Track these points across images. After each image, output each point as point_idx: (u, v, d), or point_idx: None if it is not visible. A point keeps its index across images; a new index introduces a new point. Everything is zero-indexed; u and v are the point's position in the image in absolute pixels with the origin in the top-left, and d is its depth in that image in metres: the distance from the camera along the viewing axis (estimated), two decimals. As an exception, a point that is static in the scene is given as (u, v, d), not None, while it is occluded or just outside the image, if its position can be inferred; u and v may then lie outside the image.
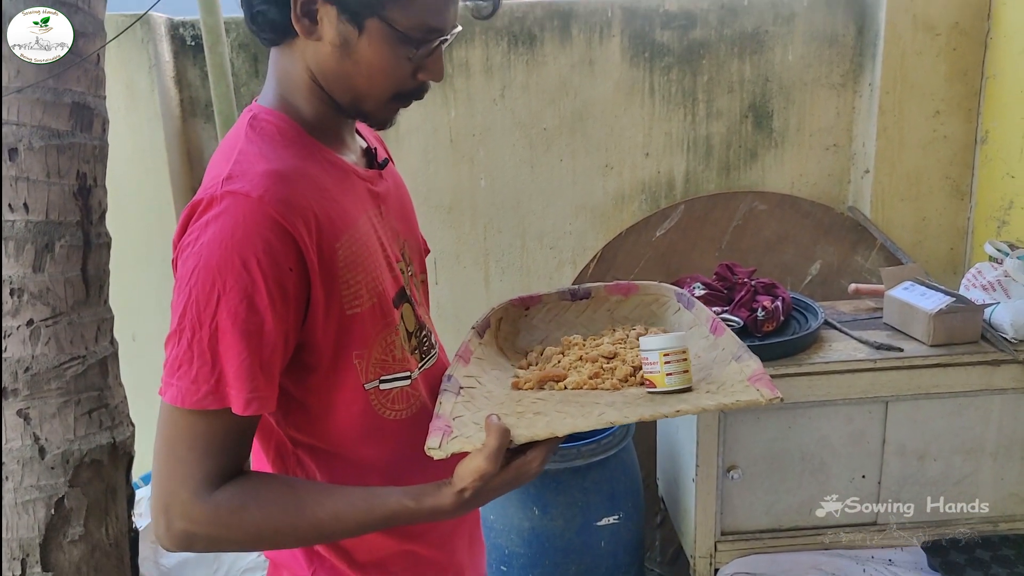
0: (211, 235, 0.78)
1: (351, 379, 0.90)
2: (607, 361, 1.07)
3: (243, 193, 0.79)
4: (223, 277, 0.77)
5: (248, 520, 0.82)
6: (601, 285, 1.23)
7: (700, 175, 2.60)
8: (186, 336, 0.79)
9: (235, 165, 0.82)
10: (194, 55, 2.41)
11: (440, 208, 2.57)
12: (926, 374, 1.75)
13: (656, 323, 1.20)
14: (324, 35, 0.85)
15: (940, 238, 2.59)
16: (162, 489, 0.82)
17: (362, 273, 0.89)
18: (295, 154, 0.88)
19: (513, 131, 2.52)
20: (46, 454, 1.47)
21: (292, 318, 0.82)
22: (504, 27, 2.45)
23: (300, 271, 0.81)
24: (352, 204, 0.91)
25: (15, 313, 1.42)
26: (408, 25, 0.84)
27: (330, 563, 0.97)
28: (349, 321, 0.88)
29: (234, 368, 0.79)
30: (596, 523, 1.78)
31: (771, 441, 1.78)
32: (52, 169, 1.42)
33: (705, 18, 2.48)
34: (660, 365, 0.93)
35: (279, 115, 0.90)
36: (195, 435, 0.81)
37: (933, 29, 2.42)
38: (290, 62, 0.90)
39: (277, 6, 0.84)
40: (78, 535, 1.51)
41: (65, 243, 1.45)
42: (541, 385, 1.04)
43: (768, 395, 0.86)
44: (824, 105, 2.56)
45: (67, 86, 1.44)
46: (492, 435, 0.81)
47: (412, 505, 0.84)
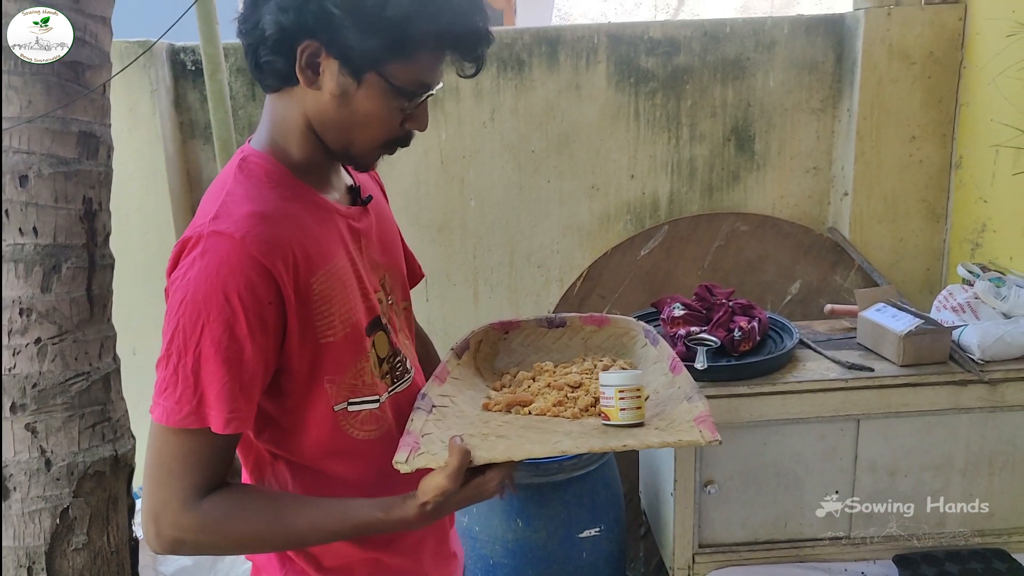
0: (198, 271, 0.86)
1: (322, 401, 0.99)
2: (572, 390, 1.16)
3: (227, 233, 0.87)
4: (207, 309, 0.86)
5: (231, 528, 0.91)
6: (576, 316, 1.33)
7: (684, 196, 2.68)
8: (172, 361, 0.87)
9: (222, 206, 0.91)
10: (193, 79, 2.49)
11: (431, 228, 2.65)
12: (896, 393, 1.82)
13: (625, 355, 1.30)
14: (324, 85, 0.93)
15: (917, 259, 2.67)
16: (152, 498, 0.90)
17: (336, 305, 0.97)
18: (279, 195, 0.95)
19: (502, 153, 2.60)
20: (52, 466, 1.53)
21: (271, 347, 0.91)
22: (493, 52, 2.53)
23: (278, 304, 0.90)
24: (331, 241, 0.99)
25: (24, 331, 1.49)
26: (403, 80, 0.92)
27: (300, 567, 1.05)
28: (323, 349, 0.96)
29: (215, 391, 0.87)
30: (578, 535, 1.85)
31: (747, 457, 1.85)
32: (60, 195, 1.49)
33: (688, 45, 2.57)
34: (615, 400, 1.02)
35: (267, 158, 0.98)
36: (181, 451, 0.89)
37: (908, 58, 2.51)
38: (287, 108, 0.98)
39: (283, 57, 0.92)
40: (82, 543, 1.57)
41: (71, 265, 1.52)
42: (509, 408, 1.12)
43: (708, 437, 0.94)
44: (804, 129, 2.65)
45: (75, 116, 1.52)
46: (454, 455, 0.89)
47: (381, 516, 0.93)
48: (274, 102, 0.99)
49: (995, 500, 1.90)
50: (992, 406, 1.83)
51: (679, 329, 1.94)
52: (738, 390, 1.80)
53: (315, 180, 1.02)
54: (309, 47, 0.90)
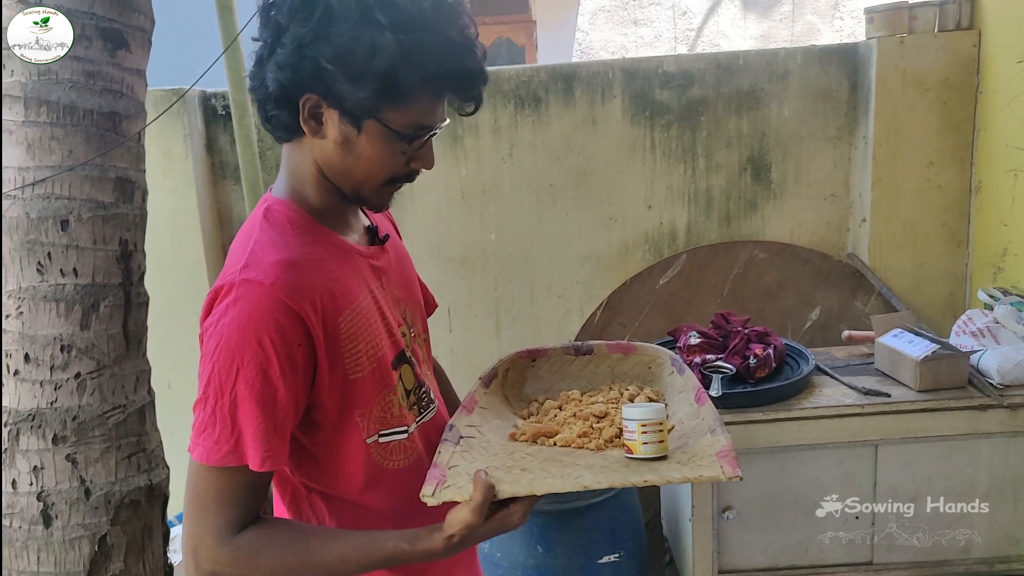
0: (231, 318, 0.92)
1: (355, 435, 1.04)
2: (597, 420, 1.17)
3: (257, 281, 0.93)
4: (241, 353, 0.91)
5: (264, 562, 0.95)
6: (603, 343, 1.34)
7: (701, 225, 2.72)
8: (210, 403, 0.93)
9: (251, 255, 0.97)
10: (224, 123, 2.60)
11: (453, 260, 2.71)
12: (914, 418, 1.83)
13: (652, 383, 1.30)
14: (328, 134, 0.99)
15: (939, 284, 2.67)
16: (190, 534, 0.96)
17: (363, 342, 1.02)
18: (303, 241, 1.01)
19: (521, 187, 2.67)
20: (91, 495, 1.60)
21: (302, 386, 0.96)
22: (511, 90, 2.61)
23: (307, 346, 0.95)
24: (354, 281, 1.05)
25: (64, 367, 1.57)
26: (401, 124, 0.97)
27: None
28: (352, 385, 1.01)
29: (251, 431, 0.93)
30: (597, 561, 1.87)
31: (765, 482, 1.86)
32: (98, 237, 1.58)
33: (702, 77, 2.63)
34: (638, 434, 1.02)
35: (289, 205, 1.04)
36: (218, 488, 0.95)
37: (923, 84, 2.53)
38: (299, 156, 1.04)
39: (288, 111, 0.98)
40: (118, 570, 1.63)
41: (109, 303, 1.60)
42: (535, 439, 1.14)
43: (729, 473, 0.94)
44: (821, 157, 2.68)
45: (112, 163, 1.61)
46: (478, 490, 0.93)
47: (407, 548, 0.97)
48: (288, 152, 1.06)
49: (1020, 526, 1.88)
50: (1014, 431, 1.82)
51: (695, 357, 1.97)
52: (754, 416, 1.82)
53: (334, 223, 1.08)
54: (309, 100, 0.96)
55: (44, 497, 1.58)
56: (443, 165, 2.63)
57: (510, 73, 2.62)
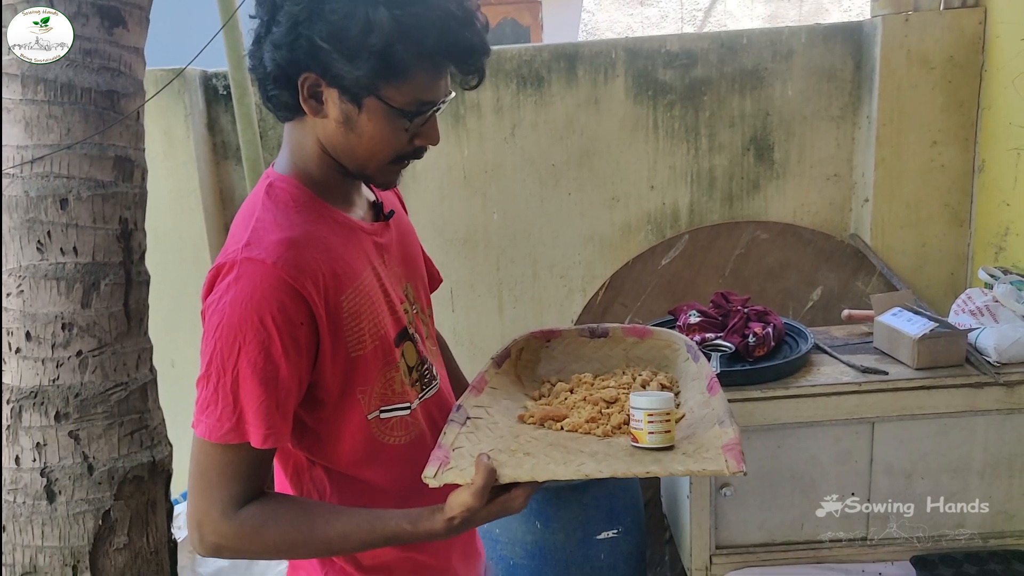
0: (233, 296, 0.92)
1: (356, 411, 1.05)
2: (607, 405, 1.16)
3: (259, 260, 0.93)
4: (243, 332, 0.92)
5: (267, 536, 0.97)
6: (619, 326, 1.33)
7: (704, 206, 2.71)
8: (212, 381, 0.94)
9: (253, 232, 0.97)
10: (225, 103, 2.61)
11: (455, 241, 2.72)
12: (911, 396, 1.83)
13: (666, 368, 1.29)
14: (329, 113, 0.98)
15: (941, 264, 2.66)
16: (195, 508, 0.97)
17: (365, 320, 1.03)
18: (306, 219, 1.01)
19: (523, 167, 2.67)
20: (94, 471, 1.63)
21: (304, 365, 0.97)
22: (513, 70, 2.61)
23: (310, 324, 0.96)
24: (357, 258, 1.05)
25: (66, 345, 1.59)
26: (402, 101, 0.97)
27: (340, 566, 1.11)
28: (354, 362, 1.02)
29: (253, 409, 0.94)
30: (596, 537, 1.89)
31: (762, 460, 1.87)
32: (98, 216, 1.59)
33: (706, 57, 2.61)
34: (644, 424, 1.01)
35: (292, 182, 1.04)
36: (222, 463, 0.96)
37: (928, 63, 2.51)
38: (302, 135, 1.04)
39: (287, 90, 0.98)
40: (122, 544, 1.66)
41: (109, 282, 1.62)
42: (542, 422, 1.14)
43: (733, 468, 0.93)
44: (824, 137, 2.67)
45: (111, 141, 1.62)
46: (480, 474, 0.93)
47: (409, 528, 0.98)
48: (291, 130, 1.06)
49: (1015, 502, 1.89)
50: (1010, 408, 1.83)
51: (695, 335, 1.97)
52: (752, 394, 1.83)
53: (338, 200, 1.07)
54: (308, 79, 0.96)
55: (47, 473, 1.61)
56: (445, 145, 2.63)
57: (512, 52, 2.61)
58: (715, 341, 1.92)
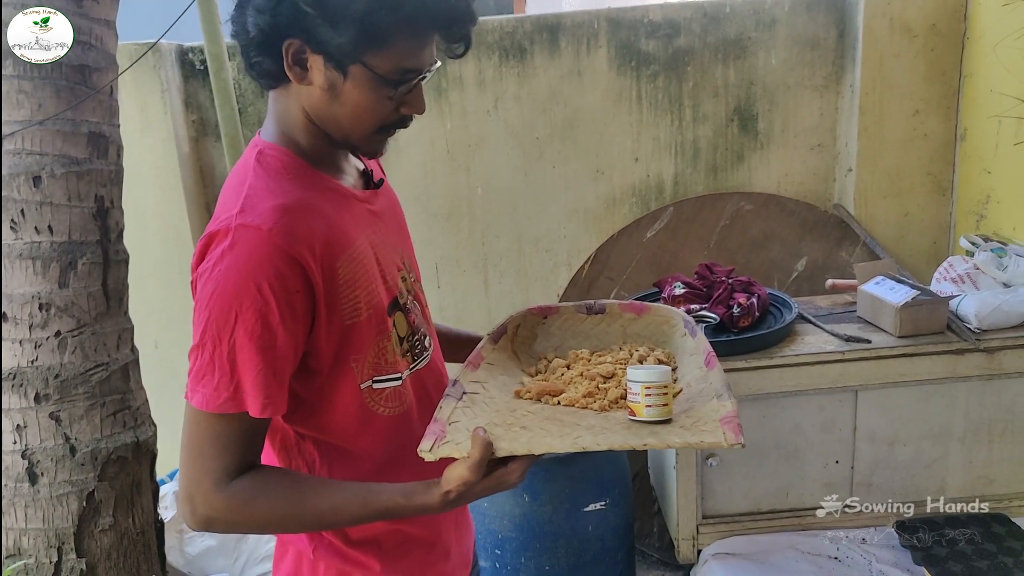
0: (228, 263, 0.91)
1: (349, 380, 1.03)
2: (604, 381, 1.16)
3: (254, 226, 0.91)
4: (240, 300, 0.90)
5: (258, 509, 0.96)
6: (616, 302, 1.32)
7: (688, 177, 2.71)
8: (208, 350, 0.92)
9: (246, 199, 0.94)
10: (203, 79, 2.56)
11: (439, 216, 2.70)
12: (893, 364, 1.84)
13: (664, 343, 1.29)
14: (314, 80, 0.96)
15: (923, 233, 2.67)
16: (187, 479, 0.96)
17: (360, 288, 1.01)
18: (299, 186, 0.99)
19: (507, 140, 2.65)
20: (76, 452, 1.62)
21: (301, 333, 0.95)
22: (495, 42, 2.57)
23: (306, 292, 0.94)
24: (350, 225, 1.04)
25: (44, 325, 1.57)
26: (387, 69, 0.95)
27: (328, 540, 1.10)
28: (348, 330, 1.00)
29: (251, 378, 0.92)
30: (583, 509, 1.90)
31: (747, 430, 1.85)
32: (73, 194, 1.57)
33: (688, 26, 2.59)
34: (641, 397, 1.00)
35: (282, 150, 1.02)
36: (215, 434, 0.94)
37: (911, 31, 2.50)
38: (287, 103, 1.02)
39: (271, 57, 0.96)
40: (108, 525, 1.66)
41: (87, 261, 1.59)
42: (539, 397, 1.14)
43: (731, 440, 0.92)
44: (808, 106, 2.66)
45: (84, 117, 1.59)
46: (476, 447, 0.92)
47: (403, 502, 0.97)
48: (275, 98, 1.04)
49: (994, 466, 1.92)
50: (990, 374, 1.84)
51: (679, 307, 1.97)
52: (737, 364, 1.83)
53: (329, 167, 1.06)
54: (292, 45, 0.94)
55: (29, 455, 1.59)
56: (427, 119, 2.60)
57: (494, 24, 2.57)
58: (700, 312, 1.93)
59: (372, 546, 1.11)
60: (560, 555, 1.90)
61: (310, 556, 1.09)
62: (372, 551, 1.10)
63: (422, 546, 1.15)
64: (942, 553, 1.75)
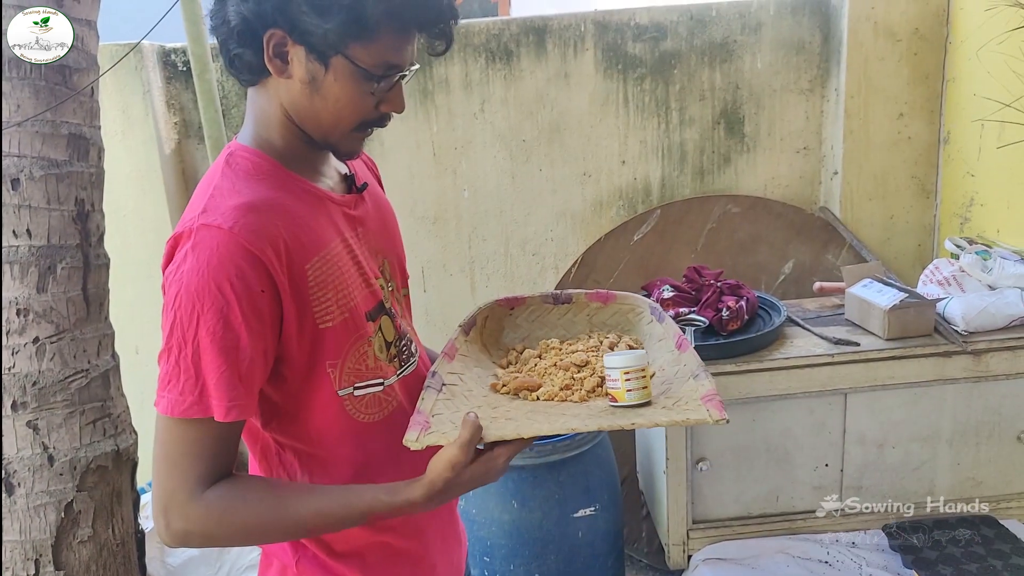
0: (190, 264, 0.89)
1: (325, 386, 1.00)
2: (578, 370, 1.16)
3: (216, 225, 0.89)
4: (201, 300, 0.88)
5: (237, 518, 0.93)
6: (582, 292, 1.32)
7: (675, 180, 2.70)
8: (173, 354, 0.90)
9: (210, 200, 0.93)
10: (186, 80, 2.52)
11: (425, 219, 2.68)
12: (882, 366, 1.84)
13: (630, 331, 1.30)
14: (294, 73, 0.95)
15: (908, 235, 2.69)
16: (161, 490, 0.92)
17: (332, 291, 0.99)
18: (268, 187, 0.97)
19: (493, 143, 2.63)
20: (55, 461, 1.58)
21: (269, 335, 0.93)
22: (481, 44, 2.56)
23: (272, 292, 0.92)
24: (325, 227, 1.01)
25: (22, 331, 1.53)
26: (370, 62, 0.94)
27: (312, 552, 1.07)
28: (321, 335, 0.98)
29: (214, 380, 0.89)
30: (573, 515, 1.88)
31: (737, 434, 1.88)
32: (52, 196, 1.53)
33: (675, 30, 2.59)
34: (621, 382, 1.01)
35: (254, 151, 1.00)
36: (187, 441, 0.91)
37: (894, 35, 2.52)
38: (266, 100, 1.00)
39: (251, 48, 0.94)
40: (87, 536, 1.62)
41: (66, 265, 1.56)
42: (517, 392, 1.13)
43: (716, 416, 0.93)
44: (793, 110, 2.67)
45: (64, 118, 1.55)
46: (466, 428, 0.91)
47: (386, 499, 0.94)
48: (254, 96, 1.02)
49: (982, 468, 1.92)
50: (977, 376, 1.85)
51: (668, 310, 1.96)
52: (726, 368, 1.83)
53: (304, 170, 1.03)
54: (274, 36, 0.92)
55: (5, 465, 1.56)
56: (413, 121, 2.58)
57: (480, 26, 2.56)
58: (689, 316, 1.92)
59: (355, 560, 1.08)
60: (550, 561, 1.88)
61: (294, 569, 1.07)
62: (355, 565, 1.08)
63: (407, 560, 1.13)
64: (932, 556, 1.75)
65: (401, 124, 2.56)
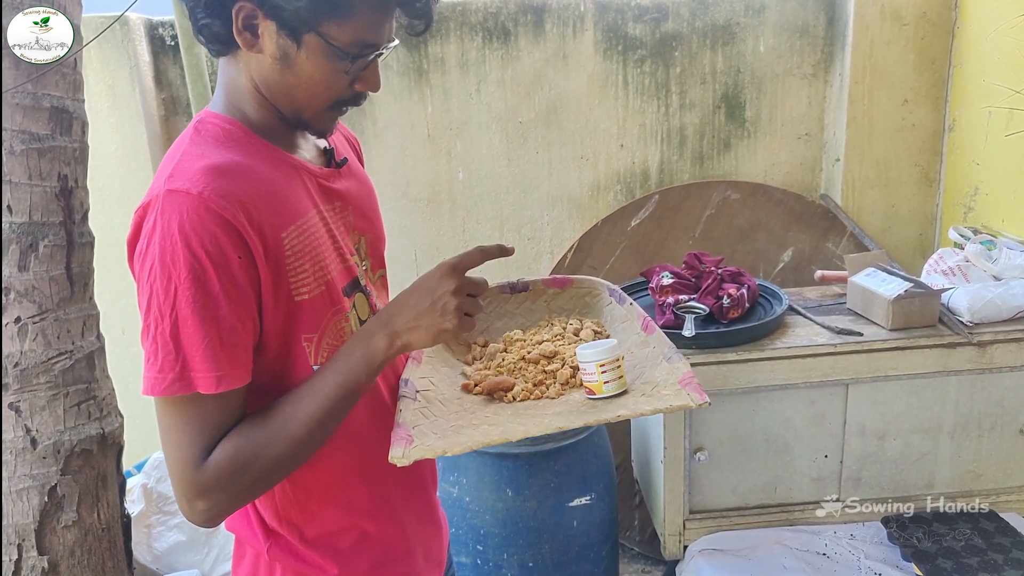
0: (160, 233, 0.84)
1: (301, 361, 0.96)
2: (548, 362, 1.14)
3: (183, 191, 0.84)
4: (176, 269, 0.83)
5: (250, 464, 0.88)
6: (539, 279, 1.31)
7: (674, 165, 2.66)
8: (152, 331, 0.85)
9: (176, 165, 0.88)
10: (174, 55, 2.46)
11: (419, 201, 2.63)
12: (885, 357, 1.81)
13: (590, 314, 1.28)
14: (265, 48, 0.90)
15: (910, 224, 2.65)
16: (174, 475, 0.88)
17: (308, 262, 0.95)
18: (239, 152, 0.92)
19: (489, 125, 2.58)
20: (38, 444, 1.53)
21: (248, 302, 0.88)
22: (478, 22, 2.50)
23: (247, 258, 0.87)
24: (300, 197, 0.97)
25: (3, 311, 1.48)
26: (344, 41, 0.89)
27: (284, 539, 1.04)
28: (297, 307, 0.94)
29: (199, 352, 0.85)
30: (568, 504, 1.85)
31: (736, 423, 1.85)
32: (34, 172, 1.48)
33: (677, 11, 2.53)
34: (598, 375, 1.01)
35: (226, 118, 0.95)
36: (182, 419, 0.87)
37: (901, 19, 2.47)
38: (236, 72, 0.95)
39: (220, 20, 0.89)
40: (71, 520, 1.57)
41: (49, 243, 1.50)
42: (490, 393, 1.10)
43: (698, 400, 0.92)
44: (796, 95, 2.62)
45: (46, 91, 1.49)
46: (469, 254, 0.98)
47: (347, 357, 0.93)
48: (224, 66, 0.97)
49: (983, 461, 1.90)
50: (981, 368, 1.82)
51: (668, 297, 1.93)
52: (726, 357, 1.79)
53: (279, 140, 0.99)
54: (244, 8, 0.87)
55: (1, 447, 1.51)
56: (408, 101, 2.53)
57: (478, 4, 2.50)
58: (689, 303, 1.88)
59: (327, 547, 1.05)
60: (544, 551, 1.85)
61: (266, 557, 1.04)
62: (328, 553, 1.05)
63: (381, 544, 1.09)
64: (932, 550, 1.73)
65: (395, 103, 2.51)
